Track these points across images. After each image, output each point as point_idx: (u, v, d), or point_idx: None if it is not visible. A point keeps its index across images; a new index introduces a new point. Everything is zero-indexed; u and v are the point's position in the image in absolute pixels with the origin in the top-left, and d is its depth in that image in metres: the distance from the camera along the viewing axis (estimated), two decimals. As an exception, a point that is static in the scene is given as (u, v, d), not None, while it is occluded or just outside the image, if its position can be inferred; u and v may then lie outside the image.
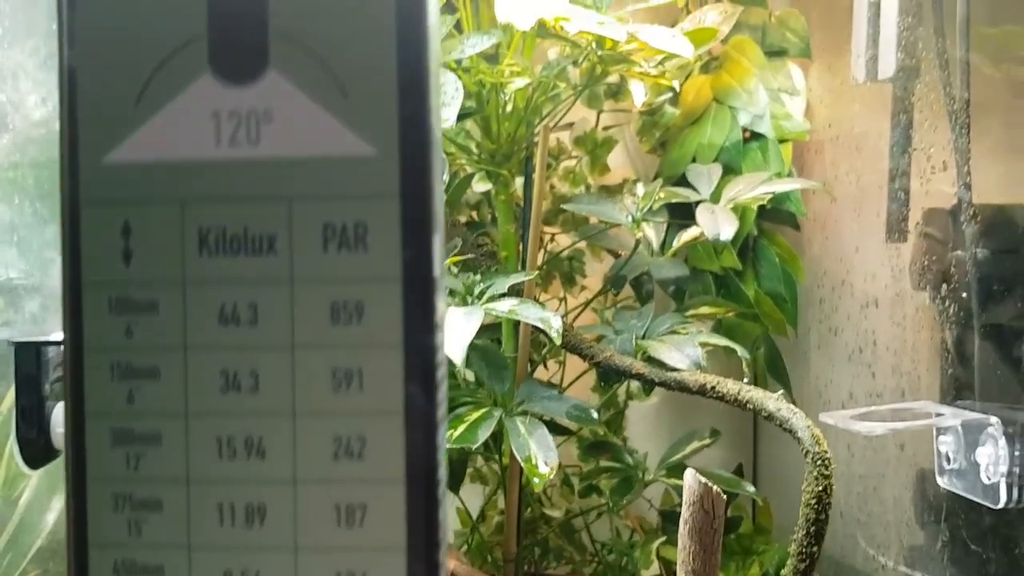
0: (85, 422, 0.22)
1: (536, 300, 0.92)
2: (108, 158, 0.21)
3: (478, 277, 0.78)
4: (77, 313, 0.22)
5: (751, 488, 0.90)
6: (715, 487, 0.61)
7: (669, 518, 1.00)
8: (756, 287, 0.98)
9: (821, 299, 0.98)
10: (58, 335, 0.78)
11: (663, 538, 0.93)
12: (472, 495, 1.00)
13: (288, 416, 0.21)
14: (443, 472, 0.22)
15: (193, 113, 0.21)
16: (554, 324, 0.69)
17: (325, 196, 0.21)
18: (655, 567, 0.93)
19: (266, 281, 0.21)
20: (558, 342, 0.70)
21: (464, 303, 0.73)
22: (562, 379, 0.98)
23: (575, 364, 1.00)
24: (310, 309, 0.21)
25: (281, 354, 0.21)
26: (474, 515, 0.99)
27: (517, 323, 0.88)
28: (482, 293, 0.73)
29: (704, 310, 0.94)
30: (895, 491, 0.81)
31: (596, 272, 1.03)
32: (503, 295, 0.73)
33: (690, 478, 0.61)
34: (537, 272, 0.85)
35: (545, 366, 1.00)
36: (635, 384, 1.05)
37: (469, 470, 0.99)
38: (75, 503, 0.22)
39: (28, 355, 0.73)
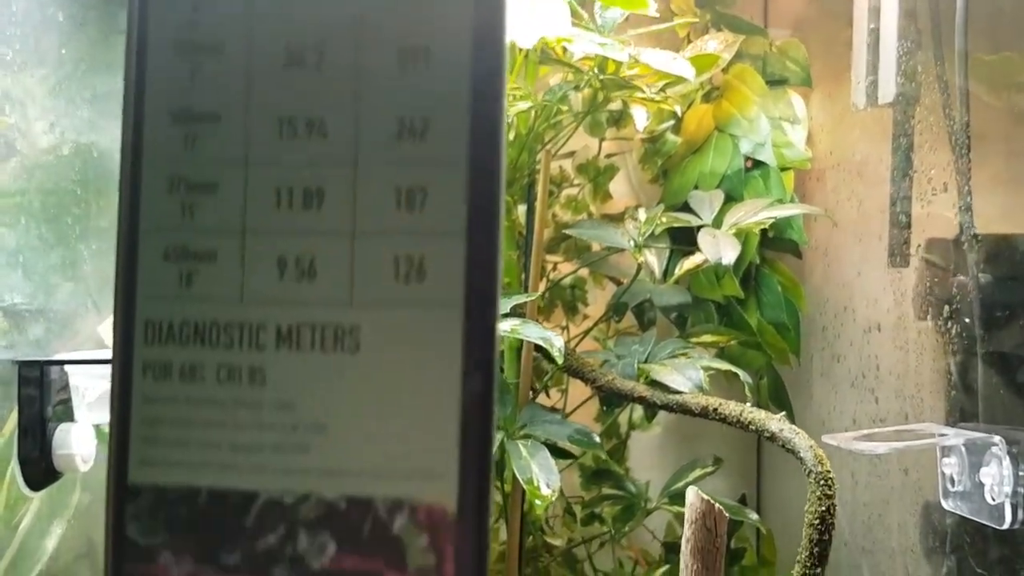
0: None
1: (538, 326, 0.92)
2: None
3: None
4: (139, 119, 0.23)
5: (754, 516, 0.89)
6: (717, 505, 0.60)
7: (672, 549, 1.00)
8: (758, 316, 0.98)
9: (824, 326, 0.97)
10: (61, 355, 0.78)
11: (666, 567, 0.92)
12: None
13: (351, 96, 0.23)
14: (503, 160, 0.23)
15: None
16: (556, 343, 0.69)
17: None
18: (658, 596, 0.91)
19: None
20: (560, 361, 0.70)
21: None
22: (564, 408, 0.97)
23: (577, 394, 1.00)
24: None
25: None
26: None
27: (519, 349, 0.88)
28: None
29: (706, 338, 0.94)
30: (900, 518, 0.80)
31: (598, 301, 1.03)
32: (505, 316, 0.73)
33: (692, 496, 0.61)
34: (539, 295, 0.85)
35: (547, 394, 0.99)
36: (637, 413, 1.05)
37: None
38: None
39: (31, 373, 0.73)
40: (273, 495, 0.23)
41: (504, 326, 0.71)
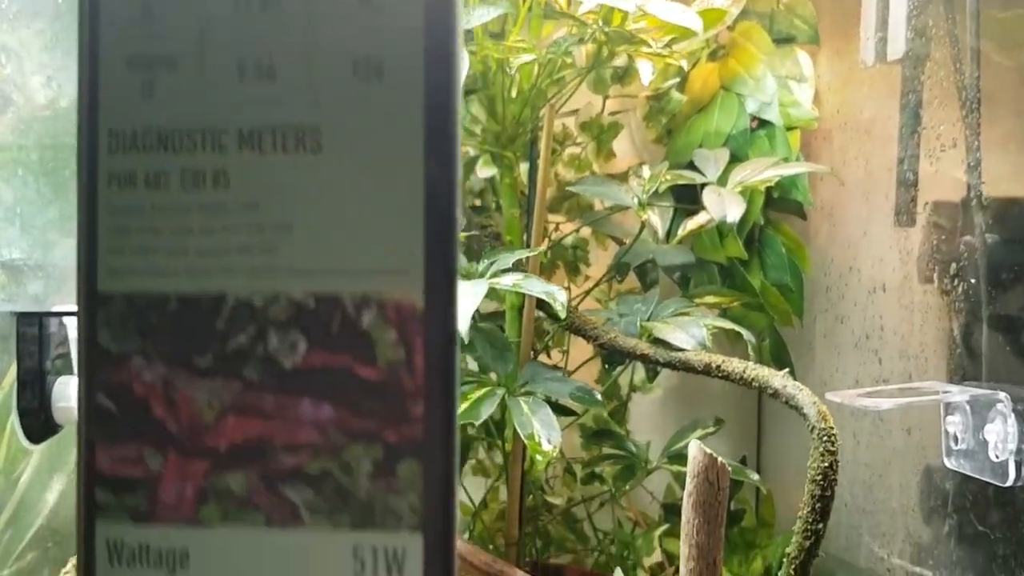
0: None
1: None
2: None
3: (484, 260, 0.77)
4: None
5: (755, 476, 0.89)
6: (720, 459, 0.60)
7: (671, 511, 1.00)
8: (762, 278, 0.97)
9: (827, 287, 0.97)
10: (61, 307, 0.77)
11: (666, 526, 0.92)
12: (474, 488, 0.99)
13: None
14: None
15: None
16: (559, 297, 0.68)
17: None
18: (657, 555, 0.92)
19: None
20: (563, 315, 0.69)
21: (469, 278, 0.72)
22: (565, 369, 0.97)
23: (577, 356, 0.99)
24: None
25: None
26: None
27: (520, 309, 0.87)
28: (486, 270, 0.73)
29: (709, 299, 0.94)
30: (902, 478, 0.80)
31: (600, 262, 1.03)
32: (507, 271, 0.72)
33: (695, 450, 0.60)
34: (542, 251, 0.84)
35: (548, 355, 0.99)
36: (639, 375, 1.04)
37: (471, 462, 0.99)
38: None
39: (30, 325, 0.72)
40: (241, 297, 0.24)
41: (506, 281, 0.70)
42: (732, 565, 0.99)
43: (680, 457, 0.90)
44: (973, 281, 0.71)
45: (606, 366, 0.97)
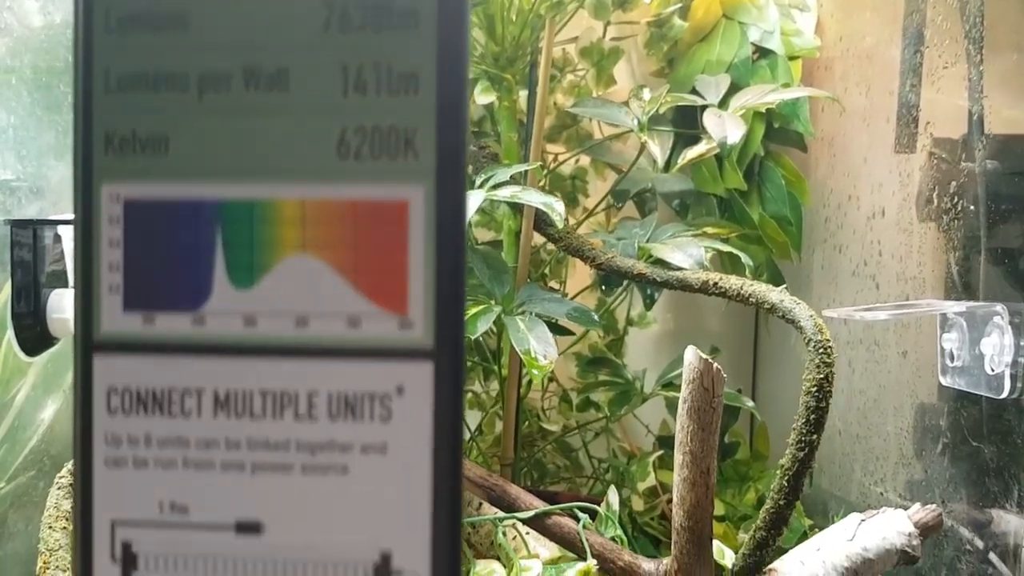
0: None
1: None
2: None
3: (481, 175, 0.77)
4: None
5: (750, 403, 0.89)
6: (715, 364, 0.60)
7: (665, 443, 1.00)
8: (761, 210, 0.97)
9: (826, 218, 0.97)
10: (55, 215, 0.77)
11: (660, 452, 0.93)
12: (471, 421, 0.99)
13: None
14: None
15: None
16: (557, 208, 0.68)
17: None
18: (651, 481, 0.92)
19: None
20: (560, 225, 0.69)
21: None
22: (563, 294, 0.97)
23: (574, 287, 0.99)
24: None
25: None
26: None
27: (518, 234, 0.87)
28: (484, 183, 0.73)
29: (708, 230, 0.93)
30: (897, 401, 0.80)
31: (599, 192, 1.02)
32: (503, 184, 0.72)
33: (691, 355, 0.60)
34: (538, 167, 0.84)
35: (545, 284, 0.99)
36: (636, 310, 1.04)
37: (468, 395, 0.99)
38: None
39: (24, 234, 0.72)
40: None
41: (504, 192, 0.70)
42: (726, 496, 0.99)
43: (675, 385, 0.90)
44: (972, 207, 0.71)
45: (603, 287, 0.97)
